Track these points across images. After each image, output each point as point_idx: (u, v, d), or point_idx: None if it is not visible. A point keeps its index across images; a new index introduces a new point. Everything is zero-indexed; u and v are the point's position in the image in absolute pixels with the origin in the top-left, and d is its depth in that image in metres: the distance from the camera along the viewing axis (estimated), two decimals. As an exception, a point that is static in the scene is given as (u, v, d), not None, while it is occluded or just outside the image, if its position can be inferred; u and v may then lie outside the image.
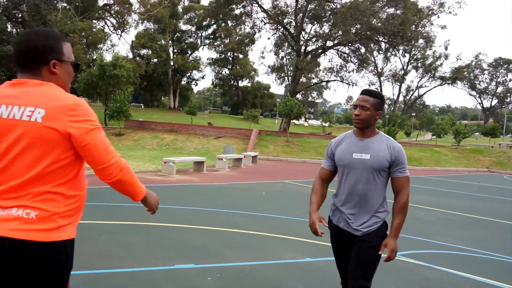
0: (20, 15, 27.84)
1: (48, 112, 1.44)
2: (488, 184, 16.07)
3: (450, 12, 45.14)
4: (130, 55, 54.23)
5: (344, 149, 2.41)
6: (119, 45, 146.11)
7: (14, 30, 28.63)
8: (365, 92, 2.37)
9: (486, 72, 69.98)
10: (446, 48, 53.92)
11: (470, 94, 73.37)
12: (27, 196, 1.45)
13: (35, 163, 1.45)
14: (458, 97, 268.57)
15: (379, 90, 56.08)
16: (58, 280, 1.50)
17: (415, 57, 52.88)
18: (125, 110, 22.10)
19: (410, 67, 54.76)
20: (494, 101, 75.63)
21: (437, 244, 5.81)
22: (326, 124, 62.81)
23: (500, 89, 73.91)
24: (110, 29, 46.42)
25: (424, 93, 61.44)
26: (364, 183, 2.34)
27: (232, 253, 4.62)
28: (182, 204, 7.34)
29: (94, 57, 33.66)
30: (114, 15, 46.22)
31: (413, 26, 40.81)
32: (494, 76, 72.12)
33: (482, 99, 74.85)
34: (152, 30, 57.69)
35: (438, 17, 57.57)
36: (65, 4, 36.86)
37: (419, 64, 54.76)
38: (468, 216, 8.39)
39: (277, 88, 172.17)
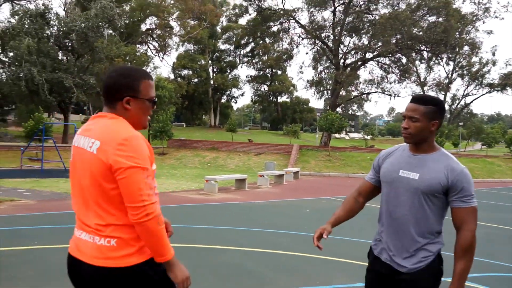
0: (70, 44, 29.42)
1: (101, 144, 1.54)
2: (550, 197, 14.92)
3: (496, 17, 43.03)
4: (172, 76, 55.89)
5: (392, 163, 2.01)
6: (161, 67, 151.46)
7: (65, 58, 30.24)
8: (414, 100, 1.94)
9: (538, 76, 66.08)
10: (493, 54, 51.68)
11: (522, 101, 69.42)
12: (106, 224, 1.55)
13: (102, 195, 1.55)
14: (508, 104, 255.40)
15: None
16: None
17: (460, 64, 50.90)
18: (168, 129, 22.60)
19: (455, 75, 52.73)
20: (550, 107, 71.14)
21: (502, 266, 5.34)
22: (368, 137, 61.42)
23: (555, 94, 69.46)
24: (152, 52, 48.17)
25: (471, 102, 58.73)
26: (408, 208, 1.91)
27: (280, 277, 4.43)
28: (225, 224, 7.25)
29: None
30: (156, 39, 47.93)
31: (457, 33, 39.42)
32: (548, 81, 67.93)
33: (536, 105, 70.59)
34: (192, 51, 59.26)
35: (484, 23, 55.38)
36: (111, 31, 38.69)
37: (465, 72, 52.61)
38: (531, 233, 7.74)
39: (316, 103, 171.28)
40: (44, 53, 26.80)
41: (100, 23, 31.13)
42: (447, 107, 58.51)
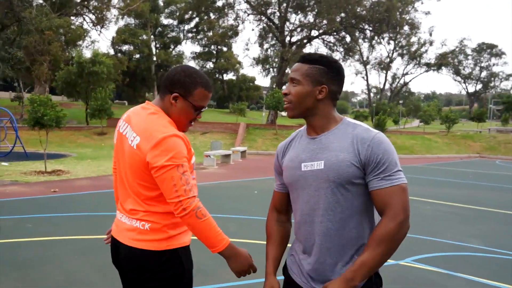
0: (-7, 13, 26.55)
1: (141, 140, 1.61)
2: (483, 171, 15.77)
3: (433, -2, 44.83)
4: (112, 52, 52.99)
5: (291, 158, 1.51)
6: (100, 41, 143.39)
7: (-13, 28, 27.34)
8: (300, 58, 1.49)
9: (470, 57, 70.36)
10: (430, 35, 54.17)
11: (455, 80, 73.80)
12: (142, 210, 1.65)
13: (139, 184, 1.64)
14: (443, 83, 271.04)
15: (365, 78, 55.91)
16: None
17: (400, 44, 52.69)
18: (107, 108, 21.25)
19: (395, 54, 54.61)
20: (479, 86, 76.22)
21: (450, 244, 5.31)
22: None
23: (484, 74, 74.44)
24: (89, 25, 45.07)
25: (410, 81, 61.56)
26: (322, 210, 1.41)
27: (224, 269, 4.02)
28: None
29: (73, 54, 32.48)
30: (92, 11, 44.83)
31: (398, 13, 40.51)
32: (478, 61, 72.55)
33: (467, 84, 75.35)
34: (133, 25, 56.37)
35: (422, 3, 57.55)
36: (40, 1, 35.59)
37: (405, 51, 54.63)
38: (474, 209, 7.94)
39: (263, 80, 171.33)
40: (-38, 23, 24.05)
41: (28, -9, 28.44)
42: (387, 86, 60.69)
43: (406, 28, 46.21)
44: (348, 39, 42.08)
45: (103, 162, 13.04)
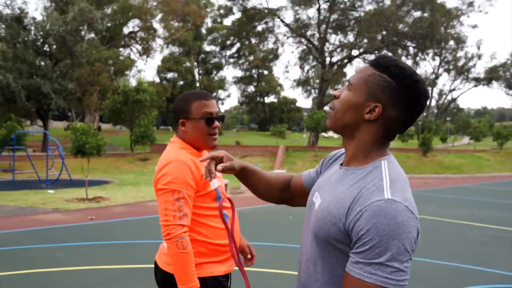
0: (48, 48, 28.51)
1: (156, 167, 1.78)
2: (542, 191, 14.56)
3: (480, 11, 43.30)
4: (157, 79, 55.08)
5: (322, 177, 1.23)
6: (146, 70, 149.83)
7: (43, 63, 29.35)
8: (372, 61, 1.08)
9: (523, 69, 66.64)
10: (478, 48, 51.94)
11: (508, 94, 69.92)
12: None
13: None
14: (495, 97, 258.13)
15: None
16: None
17: (445, 59, 50.95)
18: (150, 134, 21.87)
19: (441, 70, 52.80)
20: (535, 100, 71.83)
21: (503, 275, 4.81)
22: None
23: (540, 86, 70.13)
24: (136, 55, 47.34)
25: (458, 96, 59.08)
26: (305, 258, 1.14)
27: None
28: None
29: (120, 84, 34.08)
30: (139, 42, 47.09)
31: (442, 27, 39.32)
32: (533, 74, 68.55)
33: (521, 98, 71.24)
34: (177, 53, 58.52)
35: (468, 17, 55.71)
36: (92, 35, 37.83)
37: (451, 67, 52.70)
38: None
39: (304, 102, 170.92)
40: (20, 59, 25.91)
41: (80, 27, 30.31)
42: (434, 103, 58.56)
43: (451, 42, 44.70)
44: (390, 57, 41.25)
45: (143, 188, 13.30)
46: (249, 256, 1.99)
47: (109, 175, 17.80)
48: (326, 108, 1.23)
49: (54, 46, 27.95)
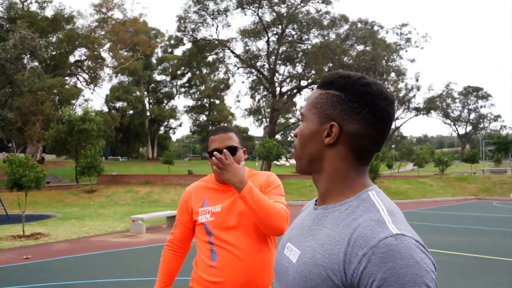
0: (-15, 76, 26.92)
1: None
2: (481, 214, 15.36)
3: (417, 46, 46.42)
4: (105, 109, 53.60)
5: (291, 227, 1.02)
6: (93, 99, 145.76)
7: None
8: (319, 82, 0.99)
9: (457, 100, 71.93)
10: (417, 80, 55.43)
11: (445, 123, 74.89)
12: None
13: None
14: (434, 126, 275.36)
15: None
16: None
17: (388, 90, 53.87)
18: (97, 165, 20.95)
19: (384, 100, 55.63)
20: (469, 128, 77.26)
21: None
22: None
23: (472, 115, 75.72)
24: (82, 84, 45.92)
25: (401, 125, 62.16)
26: None
27: None
28: (147, 274, 6.23)
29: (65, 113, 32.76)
30: (86, 71, 45.84)
31: (384, 61, 41.70)
32: (466, 104, 74.08)
33: (456, 126, 76.41)
34: (127, 82, 57.58)
35: (406, 51, 59.55)
36: (36, 63, 36.38)
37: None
38: (476, 257, 7.51)
39: (256, 131, 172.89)
40: (-47, 87, 24.28)
41: (21, 55, 29.01)
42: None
43: (393, 75, 47.45)
44: (337, 87, 43.06)
45: (88, 222, 12.56)
46: None
47: (51, 209, 16.70)
48: (291, 150, 1.11)
49: (-8, 74, 26.47)
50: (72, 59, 44.55)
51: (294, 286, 0.84)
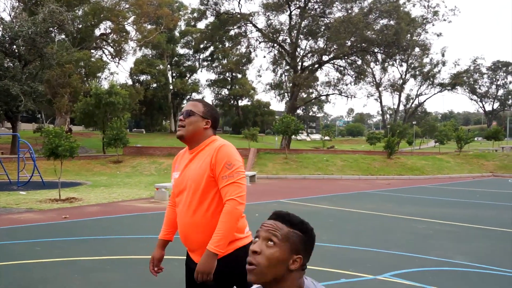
0: (16, 50, 28.09)
1: None
2: (492, 190, 15.69)
3: (444, 20, 45.08)
4: (130, 82, 54.74)
5: None
6: (118, 73, 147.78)
7: (11, 64, 28.88)
8: (278, 217, 1.34)
9: (485, 76, 69.82)
10: (443, 55, 54.18)
11: (471, 99, 73.08)
12: None
13: None
14: (460, 102, 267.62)
15: (378, 100, 56.00)
16: None
17: (412, 65, 52.89)
18: (122, 137, 22.00)
19: (408, 75, 54.74)
20: (496, 104, 75.23)
21: (435, 260, 5.51)
22: (327, 138, 62.48)
23: (501, 92, 73.59)
24: (108, 58, 46.94)
25: (425, 101, 61.17)
26: None
27: None
28: (169, 233, 7.07)
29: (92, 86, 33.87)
30: (111, 44, 46.72)
31: (408, 35, 40.90)
32: (494, 80, 71.90)
33: (483, 103, 74.50)
34: (150, 55, 58.34)
35: (433, 25, 57.84)
36: (63, 36, 37.37)
37: (417, 72, 54.73)
38: (470, 227, 8.06)
39: (278, 105, 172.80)
40: (-13, 60, 25.50)
41: (50, 28, 29.97)
42: (402, 107, 60.55)
43: (417, 49, 46.54)
44: (359, 62, 42.56)
45: (116, 190, 13.57)
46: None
47: (81, 177, 17.89)
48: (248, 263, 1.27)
49: (23, 48, 27.58)
50: (97, 32, 45.50)
51: None
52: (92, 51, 43.84)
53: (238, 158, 2.05)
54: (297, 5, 39.90)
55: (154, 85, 56.70)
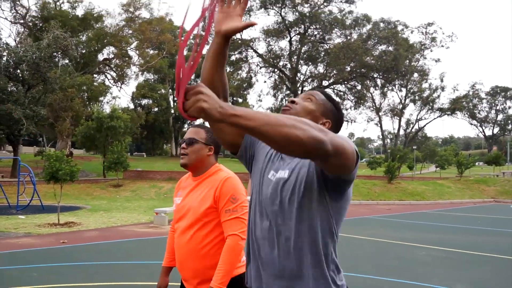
0: (20, 74, 28.50)
1: None
2: (494, 216, 15.59)
3: (442, 46, 45.90)
4: (131, 106, 55.21)
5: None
6: (121, 97, 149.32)
7: (14, 88, 29.24)
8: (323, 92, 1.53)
9: (484, 101, 70.38)
10: (442, 80, 54.63)
11: (471, 124, 73.40)
12: None
13: None
14: (460, 127, 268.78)
15: (378, 125, 56.21)
16: None
17: (411, 90, 53.41)
18: (123, 161, 22.06)
19: (407, 100, 55.19)
20: (496, 129, 75.51)
21: (432, 288, 5.46)
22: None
23: (500, 116, 74.02)
24: (110, 82, 47.55)
25: (425, 125, 61.51)
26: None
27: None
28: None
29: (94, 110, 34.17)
30: (114, 69, 47.42)
31: (407, 61, 41.52)
32: (493, 105, 72.44)
33: (483, 127, 74.81)
34: (152, 80, 59.03)
35: (431, 51, 58.83)
36: (66, 61, 37.96)
37: (417, 97, 55.20)
38: (470, 254, 8.00)
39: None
40: (-9, 84, 25.81)
41: (54, 53, 30.47)
42: (402, 131, 60.76)
43: (416, 75, 47.15)
44: (358, 87, 43.07)
45: (115, 214, 13.52)
46: None
47: (80, 201, 17.84)
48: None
49: (27, 72, 27.98)
50: (100, 57, 46.26)
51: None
52: (94, 75, 44.49)
53: (243, 192, 2.05)
54: (297, 31, 40.67)
55: (156, 109, 57.16)
